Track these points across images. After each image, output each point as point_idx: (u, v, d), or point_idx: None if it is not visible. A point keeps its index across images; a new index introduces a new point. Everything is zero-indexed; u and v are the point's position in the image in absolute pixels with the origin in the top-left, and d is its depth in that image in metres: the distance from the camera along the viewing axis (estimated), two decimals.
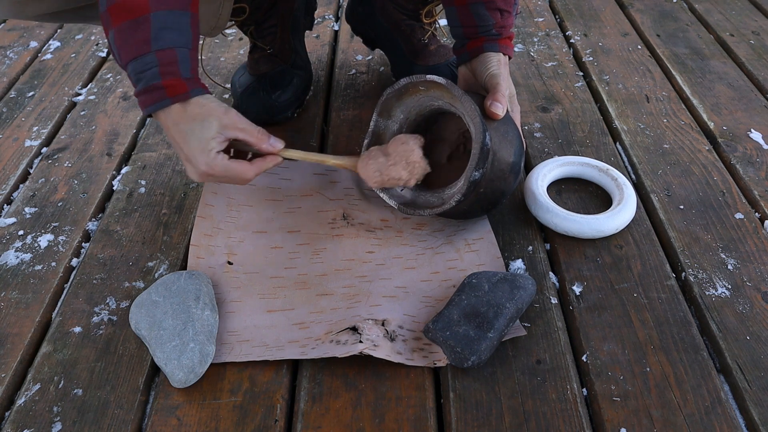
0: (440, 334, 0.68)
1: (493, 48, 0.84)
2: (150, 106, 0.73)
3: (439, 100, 0.82)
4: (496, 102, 0.78)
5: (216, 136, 0.73)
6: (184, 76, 0.73)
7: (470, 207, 0.80)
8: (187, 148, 0.74)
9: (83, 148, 1.03)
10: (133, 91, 0.74)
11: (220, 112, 0.74)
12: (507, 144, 0.78)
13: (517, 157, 0.79)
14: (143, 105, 0.74)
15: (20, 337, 0.73)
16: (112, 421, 0.65)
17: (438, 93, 0.81)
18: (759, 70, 1.20)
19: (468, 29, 0.85)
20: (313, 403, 0.66)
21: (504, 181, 0.79)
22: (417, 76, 0.80)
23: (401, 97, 0.83)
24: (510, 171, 0.78)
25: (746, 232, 0.85)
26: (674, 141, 1.02)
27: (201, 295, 0.73)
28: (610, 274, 0.80)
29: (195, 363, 0.67)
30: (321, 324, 0.73)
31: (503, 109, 0.78)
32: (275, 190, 0.91)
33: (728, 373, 0.69)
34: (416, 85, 0.81)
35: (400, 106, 0.84)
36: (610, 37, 1.32)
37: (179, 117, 0.73)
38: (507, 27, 0.85)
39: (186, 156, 0.74)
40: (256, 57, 1.09)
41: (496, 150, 0.76)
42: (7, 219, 0.89)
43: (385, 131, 0.86)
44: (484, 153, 0.73)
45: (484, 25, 0.84)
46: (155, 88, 0.72)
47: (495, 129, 0.77)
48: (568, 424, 0.64)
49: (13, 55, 1.30)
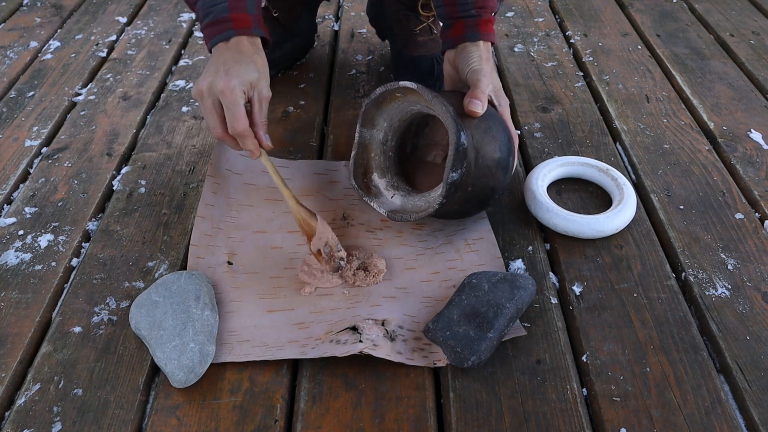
0: (440, 334, 0.68)
1: (474, 37, 0.85)
2: (216, 37, 0.80)
3: (416, 104, 0.83)
4: (473, 99, 0.78)
5: (250, 83, 0.79)
6: (250, 12, 0.81)
7: (462, 206, 0.80)
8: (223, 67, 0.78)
9: (83, 148, 1.03)
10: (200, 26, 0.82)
11: (265, 71, 0.81)
12: (491, 140, 0.77)
13: (504, 152, 0.78)
14: (209, 37, 0.81)
15: (20, 337, 0.73)
16: (112, 421, 0.65)
17: (414, 98, 0.81)
18: (759, 70, 1.20)
19: (449, 7, 0.86)
20: (313, 403, 0.66)
21: (492, 177, 0.78)
22: (390, 84, 0.81)
23: (381, 105, 0.84)
24: (497, 167, 0.78)
25: (746, 232, 0.85)
26: (674, 141, 1.02)
27: (201, 295, 0.73)
28: (610, 274, 0.80)
29: (195, 363, 0.67)
30: (321, 324, 0.73)
31: (482, 106, 0.78)
32: (275, 190, 0.91)
33: (728, 373, 0.69)
34: (392, 93, 0.82)
35: (381, 114, 0.85)
36: (610, 37, 1.32)
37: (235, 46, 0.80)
38: (487, 8, 0.85)
39: (216, 70, 0.78)
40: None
41: (479, 147, 0.76)
42: (7, 219, 0.89)
43: (370, 141, 0.87)
44: (460, 153, 0.73)
45: (463, 2, 0.85)
46: (224, 20, 0.79)
47: (476, 126, 0.77)
48: (568, 424, 0.64)
49: (13, 55, 1.30)
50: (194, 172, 0.97)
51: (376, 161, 0.87)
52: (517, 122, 1.07)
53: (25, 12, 1.47)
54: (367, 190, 0.86)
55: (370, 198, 0.85)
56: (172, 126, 1.08)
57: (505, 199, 0.91)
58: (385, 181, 0.87)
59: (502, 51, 1.28)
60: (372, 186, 0.87)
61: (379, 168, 0.87)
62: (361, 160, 0.87)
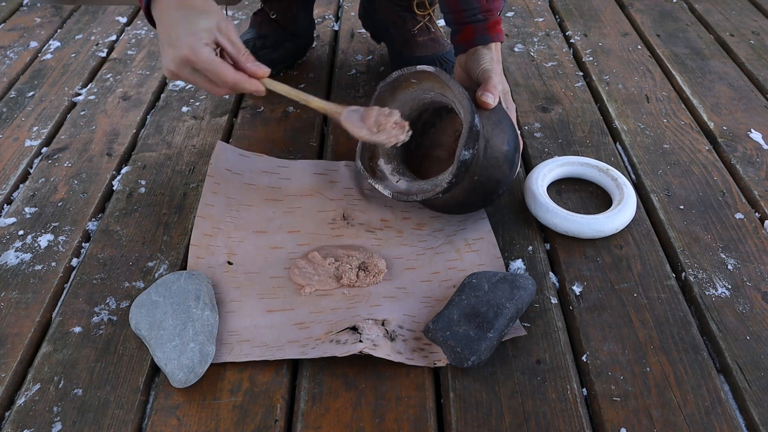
0: (440, 334, 0.68)
1: (484, 40, 0.85)
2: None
3: (430, 91, 0.83)
4: (486, 92, 0.79)
5: (209, 31, 0.72)
6: None
7: (467, 196, 0.80)
8: (174, 32, 0.71)
9: (83, 148, 1.03)
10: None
11: (221, 15, 0.73)
12: (500, 132, 0.78)
13: (511, 147, 0.79)
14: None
15: (20, 337, 0.73)
16: (112, 421, 0.65)
17: (429, 84, 0.82)
18: (759, 70, 1.20)
19: (455, 14, 0.87)
20: (313, 403, 0.66)
21: (499, 170, 0.79)
22: (408, 68, 0.82)
23: (394, 91, 0.85)
24: (504, 159, 0.79)
25: (746, 232, 0.85)
26: (674, 141, 1.02)
27: (201, 295, 0.73)
28: (610, 274, 0.80)
29: (195, 363, 0.67)
30: (321, 324, 0.73)
31: (494, 98, 0.79)
32: (275, 189, 0.91)
33: (728, 373, 0.69)
34: (408, 78, 0.82)
35: (394, 101, 0.85)
36: (610, 37, 1.32)
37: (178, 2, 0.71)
38: (493, 10, 0.86)
39: (170, 40, 0.72)
40: (260, 20, 1.17)
41: (489, 137, 0.77)
42: (7, 219, 0.89)
43: None
44: (473, 133, 0.74)
45: (470, 9, 0.86)
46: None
47: (487, 117, 0.78)
48: (568, 424, 0.64)
49: (13, 55, 1.30)
50: (194, 172, 0.97)
51: (383, 147, 0.87)
52: (517, 122, 1.07)
53: (25, 12, 1.47)
54: (373, 174, 0.86)
55: (375, 181, 0.85)
56: (172, 126, 1.08)
57: (505, 199, 0.91)
58: (391, 167, 0.87)
59: (502, 51, 1.28)
60: (378, 170, 0.87)
61: (386, 154, 0.87)
62: (368, 145, 0.87)
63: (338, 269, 0.78)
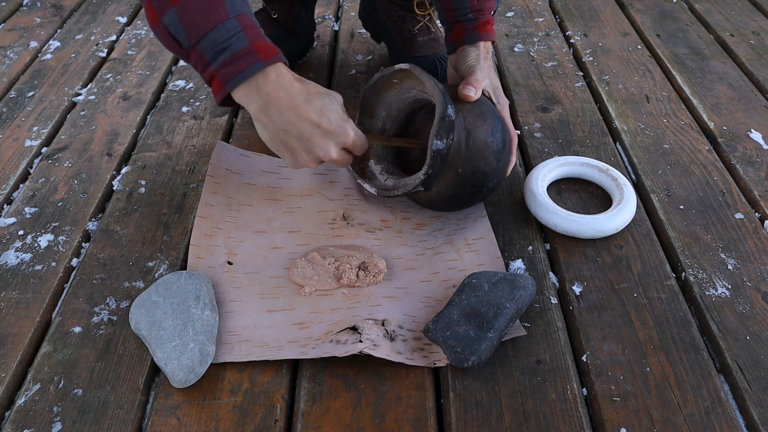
0: (440, 334, 0.68)
1: (472, 39, 0.86)
2: (241, 74, 0.68)
3: (413, 89, 0.84)
4: (467, 85, 0.79)
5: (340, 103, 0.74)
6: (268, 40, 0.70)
7: (455, 190, 0.80)
8: (326, 121, 0.71)
9: (83, 148, 1.03)
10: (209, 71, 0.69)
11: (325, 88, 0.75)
12: (483, 123, 0.78)
13: (496, 138, 0.79)
14: (230, 76, 0.68)
15: (20, 337, 0.73)
16: (112, 421, 0.65)
17: (410, 82, 0.83)
18: (759, 70, 1.20)
19: (447, 12, 0.88)
20: (313, 403, 0.66)
21: (484, 161, 0.78)
22: (387, 68, 0.82)
23: (379, 93, 0.86)
24: (489, 151, 0.78)
25: (746, 232, 0.85)
26: (674, 141, 1.02)
27: (201, 295, 0.73)
28: (610, 274, 0.80)
29: (195, 363, 0.67)
30: (321, 324, 0.73)
31: (476, 91, 0.79)
32: (275, 190, 0.91)
33: (728, 373, 0.69)
34: (390, 78, 0.83)
35: (380, 104, 0.87)
36: (610, 37, 1.32)
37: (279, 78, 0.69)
38: (485, 10, 0.86)
39: (326, 130, 0.71)
40: (261, 19, 1.16)
41: (471, 129, 0.77)
42: (7, 219, 0.89)
43: (369, 130, 0.88)
44: (445, 123, 0.74)
45: (461, 8, 0.86)
46: (245, 53, 0.68)
47: (469, 110, 0.78)
48: (568, 424, 0.64)
49: (13, 55, 1.30)
50: (194, 172, 0.97)
51: (373, 149, 0.88)
52: (517, 122, 1.07)
53: (25, 12, 1.47)
54: (363, 174, 0.87)
55: (363, 180, 0.85)
56: (172, 126, 1.08)
57: (505, 199, 0.91)
58: (380, 167, 0.88)
59: (502, 51, 1.28)
60: (368, 171, 0.88)
61: (376, 155, 0.88)
62: None
63: (338, 269, 0.78)
